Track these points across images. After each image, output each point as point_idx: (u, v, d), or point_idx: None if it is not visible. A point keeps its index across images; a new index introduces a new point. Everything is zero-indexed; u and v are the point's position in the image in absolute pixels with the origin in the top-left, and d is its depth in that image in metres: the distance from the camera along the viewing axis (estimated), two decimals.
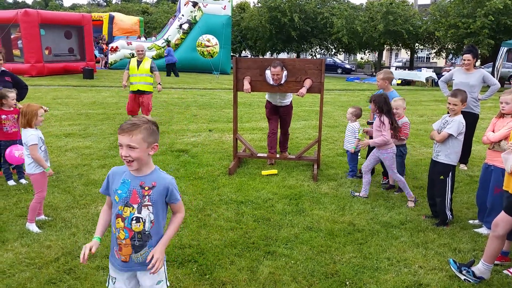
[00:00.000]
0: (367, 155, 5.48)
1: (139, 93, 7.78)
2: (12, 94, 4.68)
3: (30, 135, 3.65)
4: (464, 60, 5.79)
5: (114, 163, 5.78)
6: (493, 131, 3.83)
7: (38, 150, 3.65)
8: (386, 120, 4.51)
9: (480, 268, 3.06)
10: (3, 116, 4.69)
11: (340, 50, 32.83)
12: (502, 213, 2.98)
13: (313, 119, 9.76)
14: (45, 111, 3.93)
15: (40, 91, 12.69)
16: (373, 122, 5.05)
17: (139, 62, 7.75)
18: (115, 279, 2.15)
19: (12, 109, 4.76)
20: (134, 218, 2.03)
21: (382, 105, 4.52)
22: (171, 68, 20.34)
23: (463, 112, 5.41)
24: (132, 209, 2.03)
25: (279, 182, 5.20)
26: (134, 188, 2.03)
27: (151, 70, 7.77)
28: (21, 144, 4.75)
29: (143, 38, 25.25)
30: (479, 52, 5.92)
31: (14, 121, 4.77)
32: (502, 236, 2.98)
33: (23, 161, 4.65)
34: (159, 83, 8.09)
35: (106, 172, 5.36)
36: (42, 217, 3.94)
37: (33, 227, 3.69)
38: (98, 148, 6.53)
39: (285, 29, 29.39)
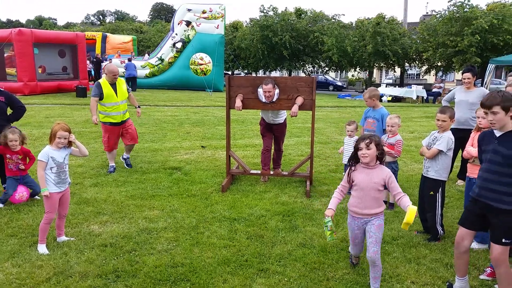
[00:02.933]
0: None
1: (122, 123, 6.44)
2: (13, 138, 4.69)
3: (41, 151, 3.65)
4: (464, 79, 6.01)
5: (106, 181, 5.77)
6: (472, 145, 3.94)
7: (45, 169, 3.60)
8: None
9: (459, 285, 3.11)
10: (8, 155, 4.79)
11: (332, 68, 33.24)
12: (461, 228, 3.04)
13: (306, 135, 9.84)
14: (69, 135, 3.69)
15: (33, 109, 12.68)
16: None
17: (114, 86, 6.24)
18: None
19: (17, 150, 4.79)
20: None
21: None
22: (131, 82, 20.41)
23: (462, 129, 5.54)
24: None
25: (272, 199, 5.21)
26: None
27: (128, 92, 6.52)
28: (25, 180, 4.90)
29: (146, 56, 25.41)
30: (477, 71, 6.16)
31: (17, 161, 4.83)
32: (468, 249, 3.05)
33: (21, 201, 4.81)
34: (138, 107, 6.73)
35: (99, 190, 5.38)
36: (63, 238, 3.89)
37: (42, 249, 3.63)
38: (90, 166, 6.52)
39: (277, 48, 29.78)
